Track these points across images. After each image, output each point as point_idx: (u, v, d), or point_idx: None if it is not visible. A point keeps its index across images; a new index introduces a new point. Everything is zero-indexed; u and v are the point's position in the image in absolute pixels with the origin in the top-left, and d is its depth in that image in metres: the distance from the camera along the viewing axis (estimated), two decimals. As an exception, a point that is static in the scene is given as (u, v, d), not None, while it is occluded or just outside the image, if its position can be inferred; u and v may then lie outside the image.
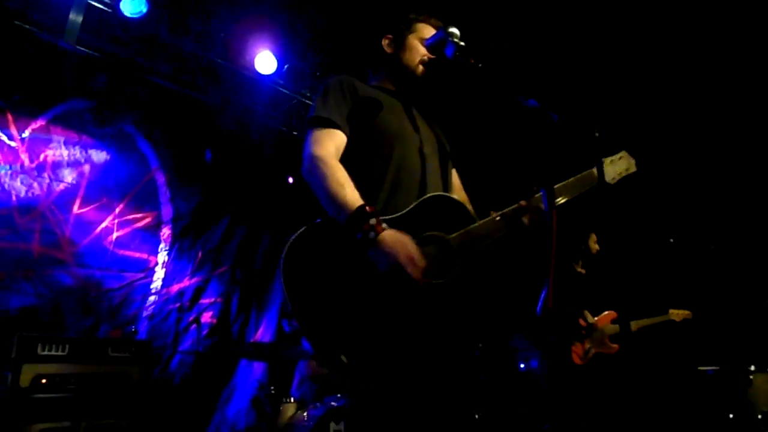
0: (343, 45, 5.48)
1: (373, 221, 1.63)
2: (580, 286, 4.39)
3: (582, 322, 4.27)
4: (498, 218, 1.83)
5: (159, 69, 5.18)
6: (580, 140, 1.62)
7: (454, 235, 1.77)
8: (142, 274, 4.88)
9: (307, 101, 5.85)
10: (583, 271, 4.47)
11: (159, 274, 4.98)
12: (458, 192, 2.14)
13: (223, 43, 5.18)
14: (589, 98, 5.10)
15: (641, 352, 4.64)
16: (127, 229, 4.88)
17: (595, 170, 1.93)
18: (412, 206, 1.79)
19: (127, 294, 4.74)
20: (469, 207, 1.95)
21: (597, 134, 1.64)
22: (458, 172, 2.21)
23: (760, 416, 3.99)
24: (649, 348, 4.71)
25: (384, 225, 1.65)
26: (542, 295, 4.28)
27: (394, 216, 1.77)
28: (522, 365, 5.33)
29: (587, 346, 4.23)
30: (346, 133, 1.91)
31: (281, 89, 5.69)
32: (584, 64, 5.14)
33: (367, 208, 1.66)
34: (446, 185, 2.04)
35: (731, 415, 4.14)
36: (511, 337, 5.30)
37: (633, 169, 2.10)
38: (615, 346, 4.20)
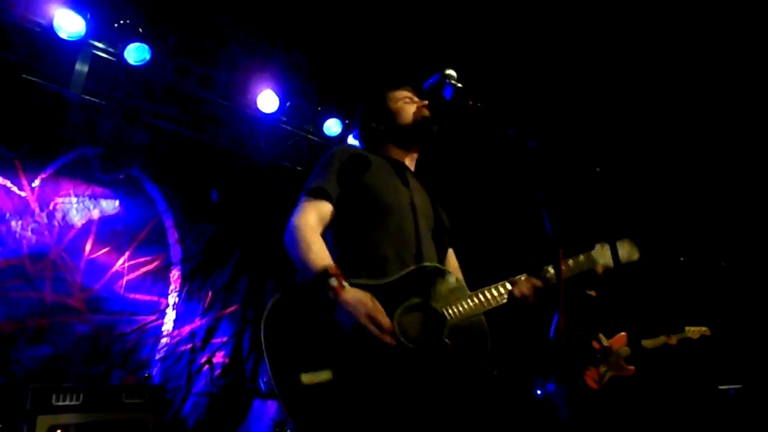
0: (342, 79, 5.58)
1: (333, 282, 1.64)
2: (592, 309, 4.35)
3: (596, 345, 4.23)
4: (489, 297, 1.85)
5: (164, 113, 5.27)
6: (582, 178, 1.64)
7: (444, 305, 1.77)
8: (153, 317, 4.89)
9: (310, 136, 5.91)
10: (594, 294, 4.44)
11: (170, 315, 4.99)
12: (454, 271, 2.10)
13: (225, 85, 5.27)
14: (589, 132, 5.13)
15: (659, 372, 4.57)
16: (137, 273, 4.91)
17: (593, 253, 2.03)
18: (401, 274, 1.80)
19: (139, 337, 4.74)
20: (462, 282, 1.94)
21: (598, 170, 1.66)
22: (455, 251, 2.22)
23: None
24: (667, 368, 4.64)
25: (345, 285, 1.65)
26: (554, 320, 4.25)
27: (379, 282, 1.77)
28: (538, 391, 5.26)
29: (602, 369, 4.18)
30: (334, 204, 1.93)
31: (284, 126, 5.76)
32: (583, 99, 5.18)
33: (330, 269, 1.67)
34: (441, 260, 2.03)
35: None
36: (525, 365, 5.25)
37: (635, 258, 2.14)
38: (631, 368, 4.14)
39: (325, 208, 1.91)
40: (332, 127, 5.74)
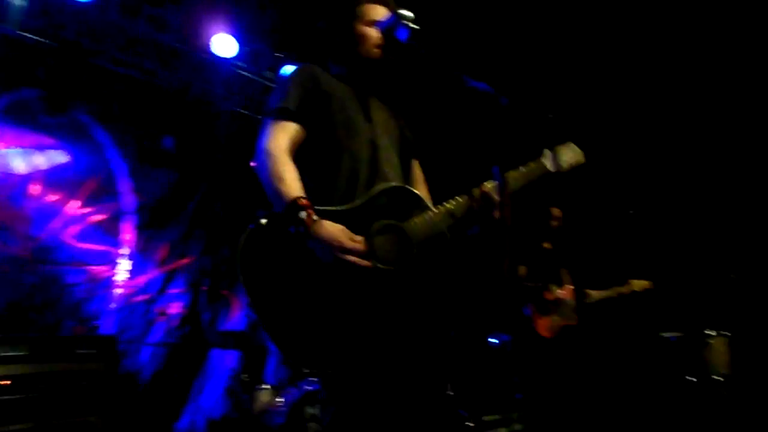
0: (302, 24, 5.38)
1: (303, 214, 1.64)
2: (546, 260, 4.48)
3: (548, 296, 4.37)
4: (450, 206, 1.86)
5: (111, 54, 4.98)
6: (534, 123, 1.62)
7: (408, 222, 1.79)
8: (105, 267, 4.78)
9: (267, 83, 5.72)
10: (549, 246, 4.55)
11: (124, 266, 4.88)
12: (419, 184, 2.14)
13: (178, 27, 5.02)
14: (543, 79, 5.13)
15: (605, 321, 4.78)
16: (87, 222, 4.75)
17: (542, 159, 1.97)
18: (367, 197, 1.80)
19: (91, 288, 4.64)
20: (427, 198, 1.97)
21: (551, 116, 1.65)
22: (420, 162, 2.20)
23: (716, 377, 4.20)
24: (612, 317, 4.85)
25: (315, 217, 1.65)
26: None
27: (346, 207, 1.78)
28: (492, 339, 5.43)
29: (554, 319, 4.34)
30: (303, 125, 1.90)
31: (241, 71, 5.56)
32: (538, 48, 5.14)
33: (300, 201, 1.66)
34: (405, 176, 2.04)
35: (692, 378, 4.32)
36: (479, 314, 5.40)
37: (582, 160, 2.10)
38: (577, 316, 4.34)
39: (295, 129, 1.88)
40: (292, 74, 5.56)
